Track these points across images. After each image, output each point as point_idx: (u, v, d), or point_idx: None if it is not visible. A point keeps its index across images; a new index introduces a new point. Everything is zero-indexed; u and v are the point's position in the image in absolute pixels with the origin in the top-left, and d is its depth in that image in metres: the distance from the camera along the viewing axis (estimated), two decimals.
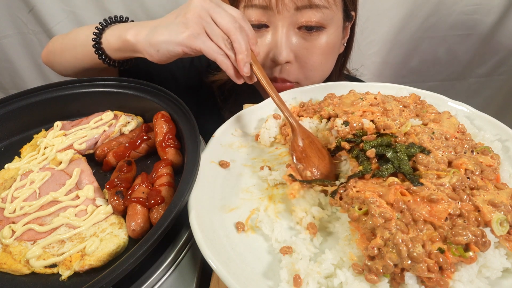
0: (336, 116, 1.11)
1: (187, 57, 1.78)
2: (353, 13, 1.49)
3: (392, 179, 0.88)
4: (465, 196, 0.82)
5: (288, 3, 1.25)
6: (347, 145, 1.01)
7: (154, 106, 1.29)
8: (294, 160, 1.03)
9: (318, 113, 1.19)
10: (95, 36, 1.32)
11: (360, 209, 0.84)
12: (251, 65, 1.07)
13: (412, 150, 0.92)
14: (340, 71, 1.68)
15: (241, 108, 1.31)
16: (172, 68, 1.69)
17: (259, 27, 1.33)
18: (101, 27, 1.33)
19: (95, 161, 1.22)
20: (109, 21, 1.36)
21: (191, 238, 0.94)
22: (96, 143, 1.25)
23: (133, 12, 2.48)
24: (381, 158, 0.95)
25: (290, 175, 0.99)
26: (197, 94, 1.73)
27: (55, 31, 2.53)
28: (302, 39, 1.33)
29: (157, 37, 1.12)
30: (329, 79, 1.58)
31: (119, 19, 1.39)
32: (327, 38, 1.34)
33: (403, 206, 0.81)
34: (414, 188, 0.84)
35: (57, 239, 0.95)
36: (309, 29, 1.31)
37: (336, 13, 1.34)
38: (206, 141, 1.18)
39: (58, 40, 1.53)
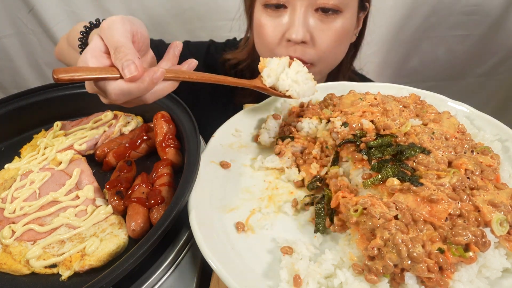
0: (336, 117, 1.11)
1: (203, 46, 1.77)
2: (367, 4, 1.51)
3: (392, 180, 0.88)
4: (465, 196, 0.82)
5: None
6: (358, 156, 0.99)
7: (154, 106, 1.28)
8: None
9: (318, 114, 1.19)
10: (80, 50, 1.26)
11: (356, 210, 0.84)
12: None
13: (412, 151, 0.92)
14: (350, 62, 1.69)
15: (249, 97, 1.30)
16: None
17: (278, 7, 1.36)
18: (82, 37, 1.25)
19: (95, 161, 1.22)
20: (89, 26, 1.26)
21: (191, 238, 0.94)
22: (96, 143, 1.25)
23: (133, 12, 2.48)
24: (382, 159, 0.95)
25: None
26: (217, 92, 1.73)
27: (55, 31, 2.53)
28: (319, 21, 1.35)
29: None
30: (339, 69, 1.60)
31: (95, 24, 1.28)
32: (343, 22, 1.37)
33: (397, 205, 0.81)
34: (414, 188, 0.84)
35: (57, 239, 0.95)
36: (326, 11, 1.33)
37: None
38: (206, 141, 1.18)
39: (64, 43, 1.53)
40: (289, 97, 1.13)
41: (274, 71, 1.10)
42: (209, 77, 1.00)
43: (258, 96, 1.60)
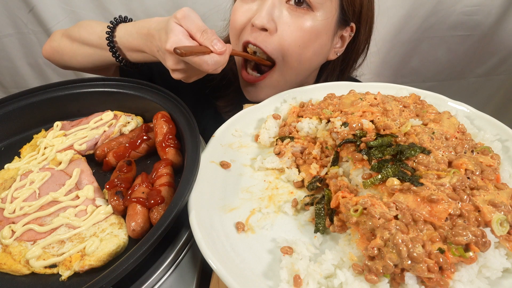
0: (336, 117, 1.11)
1: None
2: (353, 24, 1.45)
3: (392, 180, 0.88)
4: (465, 196, 0.82)
5: None
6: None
7: (154, 106, 1.29)
8: None
9: (318, 114, 1.19)
10: (108, 41, 1.36)
11: (356, 210, 0.84)
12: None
13: (413, 151, 0.92)
14: (337, 79, 1.65)
15: (238, 99, 1.31)
16: None
17: None
18: (110, 30, 1.37)
19: (95, 161, 1.21)
20: (115, 22, 1.40)
21: (191, 238, 0.94)
22: (96, 143, 1.25)
23: (133, 12, 2.48)
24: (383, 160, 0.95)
25: None
26: (198, 93, 1.73)
27: None
28: (288, 14, 1.32)
29: None
30: None
31: (123, 19, 1.43)
32: (313, 22, 1.32)
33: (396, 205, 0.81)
34: (415, 188, 0.84)
35: (57, 239, 0.95)
36: (298, 4, 1.31)
37: (327, 1, 1.33)
38: (206, 141, 1.18)
39: (64, 41, 1.52)
40: (272, 63, 1.41)
41: None
42: (244, 54, 1.36)
43: (235, 101, 1.60)
